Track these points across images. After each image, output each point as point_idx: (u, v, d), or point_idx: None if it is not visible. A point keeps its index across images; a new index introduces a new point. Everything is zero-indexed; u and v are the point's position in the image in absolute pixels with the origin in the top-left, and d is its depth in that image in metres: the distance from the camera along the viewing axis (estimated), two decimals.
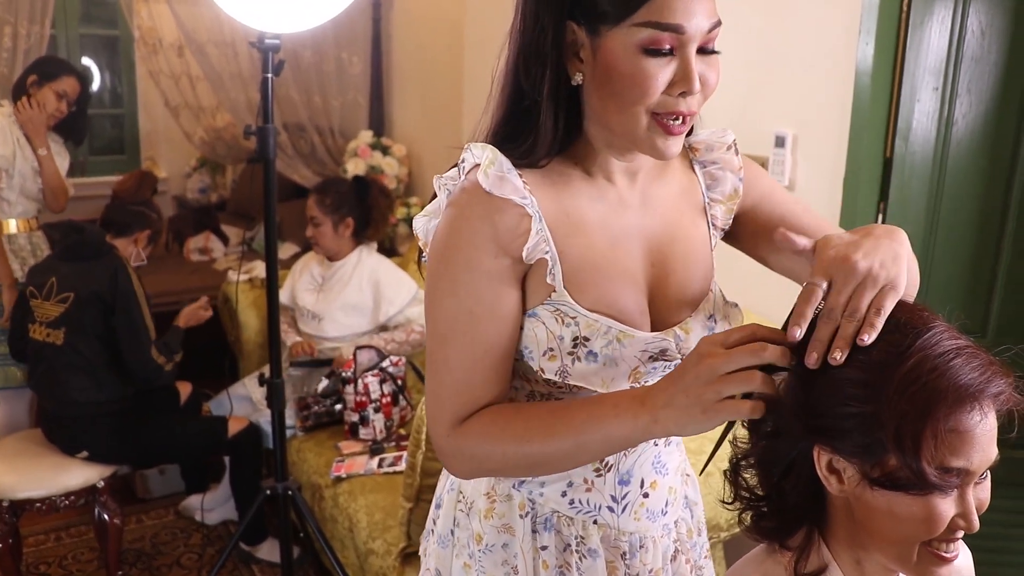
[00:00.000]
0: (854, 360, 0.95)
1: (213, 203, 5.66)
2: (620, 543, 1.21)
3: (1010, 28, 2.15)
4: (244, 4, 2.06)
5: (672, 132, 1.02)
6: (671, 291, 1.15)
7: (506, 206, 1.04)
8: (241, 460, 2.97)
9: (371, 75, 4.50)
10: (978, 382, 0.91)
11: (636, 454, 1.18)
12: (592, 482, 1.18)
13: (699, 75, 0.99)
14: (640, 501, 1.20)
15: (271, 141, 2.21)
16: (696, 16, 0.97)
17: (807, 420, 0.99)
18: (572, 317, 1.07)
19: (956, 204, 2.28)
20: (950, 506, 0.94)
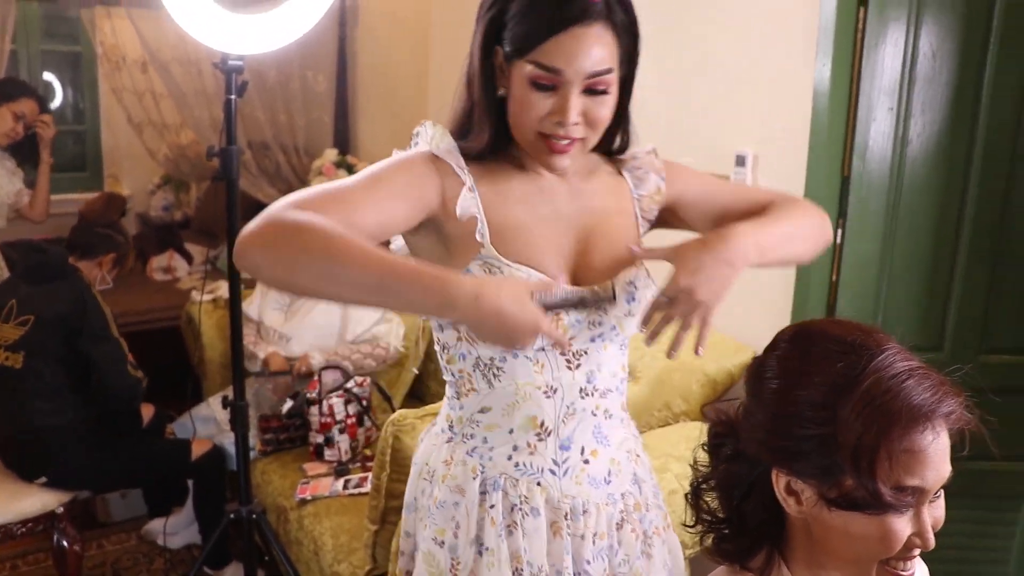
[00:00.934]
0: (810, 383, 0.97)
1: (177, 221, 5.61)
2: (563, 505, 1.34)
3: (959, 50, 2.20)
4: (207, 26, 2.06)
5: (554, 150, 1.24)
6: (595, 261, 1.33)
7: (448, 168, 1.26)
8: (205, 483, 2.94)
9: (336, 93, 4.50)
10: (930, 402, 0.93)
11: (576, 422, 1.34)
12: (535, 446, 1.33)
13: (585, 111, 1.21)
14: (581, 467, 1.35)
15: (234, 162, 2.21)
16: (577, 63, 1.17)
17: (765, 443, 1.00)
18: (498, 267, 1.25)
19: (912, 221, 2.32)
20: (906, 525, 0.96)
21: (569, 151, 1.24)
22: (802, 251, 1.37)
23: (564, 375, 1.32)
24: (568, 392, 1.32)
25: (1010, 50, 2.19)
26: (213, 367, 3.40)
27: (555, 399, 1.32)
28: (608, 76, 1.20)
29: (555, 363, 1.31)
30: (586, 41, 1.17)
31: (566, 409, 1.33)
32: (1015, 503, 2.49)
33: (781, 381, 1.00)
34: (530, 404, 1.32)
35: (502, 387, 1.32)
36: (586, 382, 1.34)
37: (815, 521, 0.99)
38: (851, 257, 2.35)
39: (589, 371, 1.34)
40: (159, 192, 5.76)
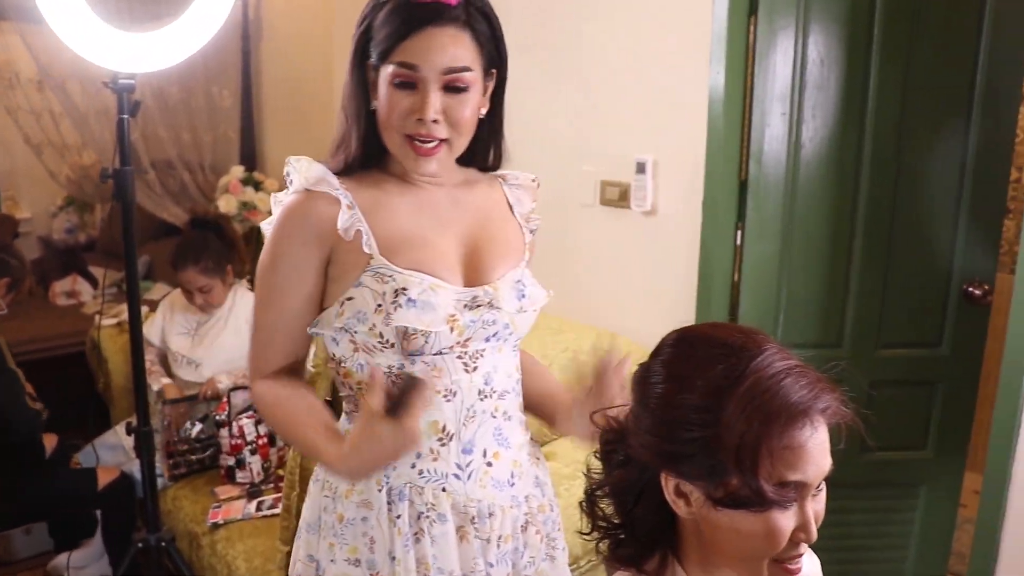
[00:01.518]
0: (694, 386, 0.99)
1: (81, 243, 5.45)
2: (469, 509, 1.36)
3: (845, 57, 2.29)
4: (95, 44, 2.01)
5: (419, 152, 1.29)
6: (484, 263, 1.37)
7: (320, 196, 1.30)
8: (113, 512, 2.85)
9: (242, 109, 4.43)
10: (807, 399, 0.96)
11: (476, 425, 1.36)
12: (437, 452, 1.35)
13: (445, 109, 1.26)
14: (484, 470, 1.37)
15: (129, 184, 2.16)
16: (431, 58, 1.23)
17: (652, 447, 1.02)
18: (390, 275, 1.29)
19: (808, 222, 2.40)
20: (790, 520, 0.98)
21: (434, 153, 1.29)
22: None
23: (463, 378, 1.34)
24: (467, 395, 1.35)
25: (891, 56, 2.28)
26: (119, 393, 3.31)
27: (455, 402, 1.34)
28: (466, 74, 1.26)
29: (452, 366, 1.33)
30: (441, 39, 1.23)
31: (466, 412, 1.35)
32: (913, 490, 2.58)
33: (665, 386, 1.01)
34: (431, 410, 1.33)
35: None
36: (484, 384, 1.36)
37: (704, 521, 1.01)
38: (751, 258, 2.41)
39: (486, 373, 1.36)
40: (62, 214, 5.59)
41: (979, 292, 2.40)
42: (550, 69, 2.77)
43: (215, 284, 2.93)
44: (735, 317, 2.45)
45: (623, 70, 2.60)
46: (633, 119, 2.60)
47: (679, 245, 2.51)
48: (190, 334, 3.02)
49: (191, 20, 2.07)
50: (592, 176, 2.72)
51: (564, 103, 2.78)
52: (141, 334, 2.32)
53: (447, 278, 1.32)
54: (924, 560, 2.64)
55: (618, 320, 2.69)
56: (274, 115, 4.43)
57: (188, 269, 2.91)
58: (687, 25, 2.41)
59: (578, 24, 2.71)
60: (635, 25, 2.55)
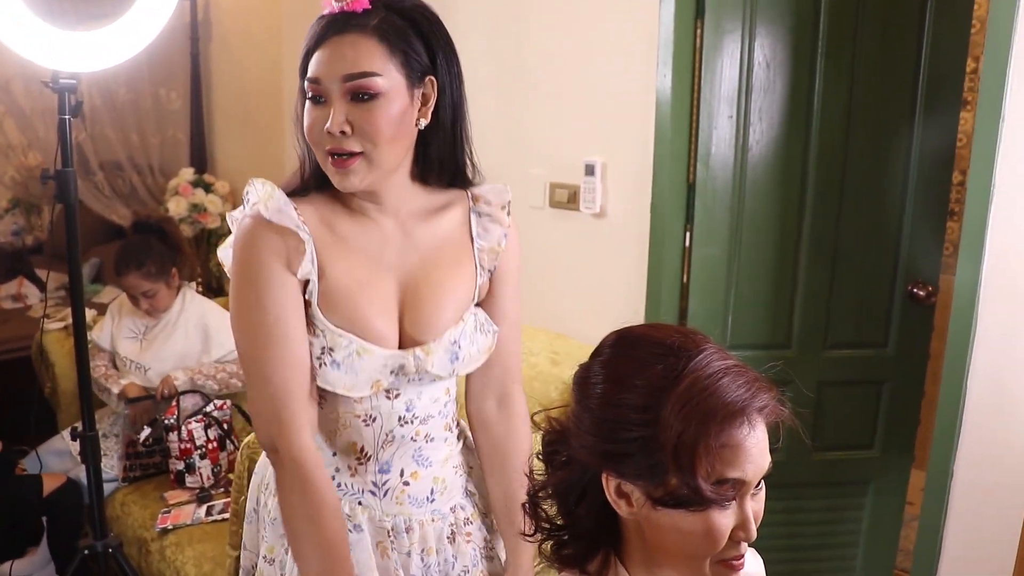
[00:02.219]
0: (633, 386, 0.99)
1: (28, 246, 5.34)
2: (384, 523, 1.37)
3: (790, 61, 2.32)
4: (32, 42, 1.97)
5: (336, 166, 1.23)
6: (421, 316, 1.32)
7: (285, 231, 1.24)
8: (59, 519, 2.80)
9: (191, 111, 4.37)
10: (744, 398, 0.97)
11: (394, 448, 1.35)
12: (355, 468, 1.36)
13: (352, 120, 1.20)
14: (401, 488, 1.37)
15: (72, 186, 2.12)
16: (329, 68, 1.20)
17: (593, 448, 1.02)
18: (321, 330, 1.26)
19: (756, 224, 2.42)
20: (729, 519, 0.99)
21: (349, 165, 1.22)
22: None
23: (383, 404, 1.33)
24: (387, 421, 1.34)
25: (836, 59, 2.32)
26: (67, 398, 3.25)
27: (373, 427, 1.34)
28: (372, 80, 1.19)
29: (374, 395, 1.33)
30: (340, 47, 1.19)
31: (385, 436, 1.35)
32: (862, 488, 2.62)
33: (605, 386, 1.02)
34: (350, 431, 1.34)
35: (324, 414, 1.35)
36: (405, 411, 1.35)
37: (646, 521, 1.01)
38: (699, 260, 2.43)
39: (408, 400, 1.35)
40: (7, 216, 5.47)
41: (923, 293, 2.44)
42: (497, 72, 2.77)
43: (159, 288, 2.88)
44: (684, 319, 2.47)
45: (571, 73, 2.61)
46: (581, 122, 2.61)
47: (628, 247, 2.52)
48: (138, 338, 2.97)
49: (134, 19, 2.05)
50: (541, 179, 2.72)
51: (512, 106, 2.78)
52: (85, 336, 2.28)
53: (378, 339, 1.28)
54: (873, 558, 2.68)
55: (567, 322, 2.70)
56: (224, 117, 4.38)
57: (130, 274, 2.86)
58: (634, 28, 2.42)
59: (525, 27, 2.71)
60: (582, 28, 2.56)
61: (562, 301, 2.74)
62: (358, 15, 1.19)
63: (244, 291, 1.26)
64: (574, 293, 2.70)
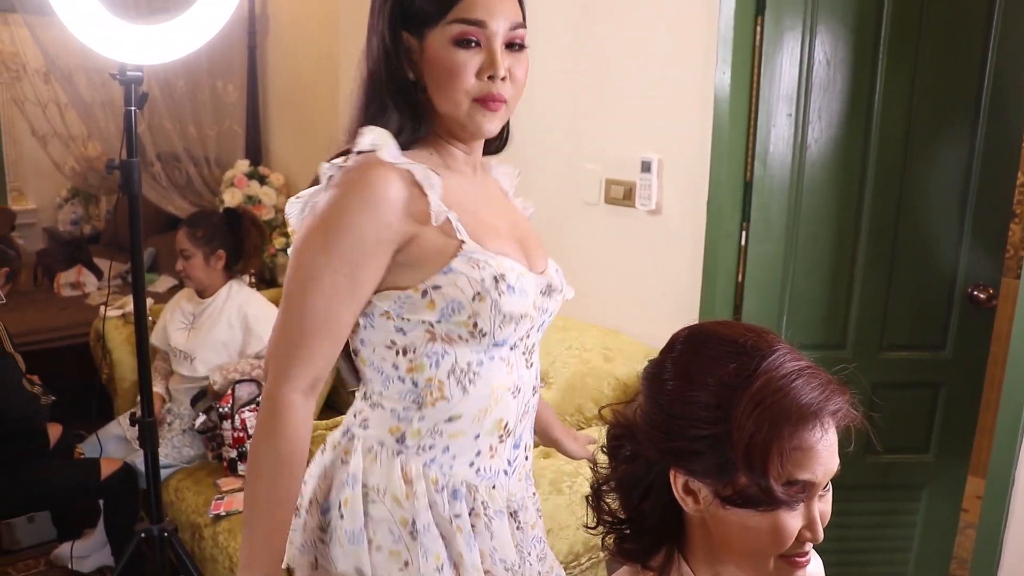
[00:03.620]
0: (705, 384, 0.99)
1: (86, 235, 5.46)
2: (512, 503, 1.35)
3: (852, 58, 2.28)
4: (103, 36, 2.01)
5: (489, 108, 1.21)
6: (531, 252, 1.33)
7: (406, 175, 1.19)
8: (115, 503, 2.86)
9: (247, 103, 4.42)
10: (818, 400, 0.96)
11: (528, 420, 1.35)
12: (495, 449, 1.30)
13: (507, 68, 1.20)
14: (523, 464, 1.37)
15: (135, 176, 2.16)
16: (497, 14, 1.18)
17: (662, 444, 1.02)
18: (485, 262, 1.21)
19: (813, 224, 2.40)
20: (797, 519, 0.98)
21: (498, 111, 1.22)
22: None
23: (525, 374, 1.32)
24: (526, 390, 1.34)
25: (898, 58, 2.28)
26: (124, 384, 3.32)
27: (519, 399, 1.32)
28: (523, 31, 1.22)
29: (519, 362, 1.30)
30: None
31: (524, 408, 1.34)
32: (915, 492, 2.58)
33: (675, 383, 1.02)
34: (500, 407, 1.29)
35: (477, 392, 1.26)
36: (534, 379, 1.36)
37: (712, 519, 1.01)
38: (755, 259, 2.41)
39: (537, 366, 1.37)
40: (67, 206, 5.61)
41: (983, 296, 2.40)
42: (556, 68, 2.77)
43: (196, 255, 2.92)
44: (739, 317, 2.45)
45: (629, 69, 2.60)
46: (639, 118, 2.60)
47: (683, 245, 2.51)
48: (187, 328, 3.02)
49: (199, 13, 2.08)
50: (597, 175, 2.72)
51: (570, 102, 2.78)
52: (146, 325, 2.32)
53: (524, 261, 1.30)
54: (925, 564, 2.64)
55: (621, 319, 2.70)
56: (279, 110, 4.43)
57: (182, 229, 2.97)
58: (693, 25, 2.41)
59: (584, 23, 2.71)
60: (641, 24, 2.55)
61: (616, 298, 2.74)
62: None
63: (318, 233, 1.18)
64: (628, 290, 2.70)
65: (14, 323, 2.74)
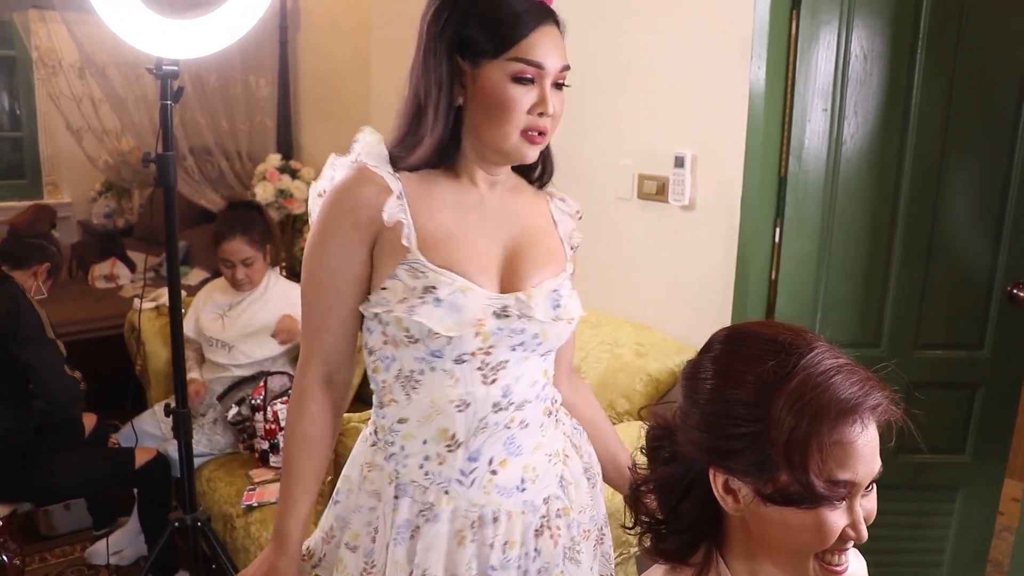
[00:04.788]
0: (743, 382, 0.99)
1: (119, 228, 5.52)
2: (470, 514, 1.36)
3: (889, 53, 2.26)
4: (140, 30, 2.03)
5: (534, 141, 1.30)
6: (522, 268, 1.37)
7: (374, 177, 1.30)
8: (149, 492, 2.90)
9: (279, 98, 4.45)
10: (857, 396, 0.95)
11: (486, 435, 1.34)
12: (444, 457, 1.35)
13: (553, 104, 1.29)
14: (488, 477, 1.36)
15: (171, 169, 2.18)
16: (552, 57, 1.28)
17: (701, 443, 1.02)
18: (423, 272, 1.29)
19: (848, 220, 2.37)
20: (840, 517, 0.97)
21: (543, 142, 1.33)
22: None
23: (478, 390, 1.33)
24: (481, 407, 1.33)
25: (937, 53, 2.25)
26: (157, 376, 3.35)
27: (467, 413, 1.33)
28: (568, 71, 1.31)
29: (470, 377, 1.32)
30: (555, 37, 1.29)
31: (478, 423, 1.34)
32: (950, 493, 2.55)
33: (715, 382, 1.02)
34: (443, 418, 1.33)
35: (419, 399, 1.34)
36: (501, 396, 1.34)
37: (753, 517, 1.01)
38: (789, 256, 2.39)
39: (505, 385, 1.35)
40: (100, 199, 5.67)
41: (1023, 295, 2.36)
42: (590, 63, 2.76)
43: (258, 258, 2.95)
44: (772, 314, 2.43)
45: (662, 63, 2.59)
46: (672, 113, 2.58)
47: (716, 241, 2.50)
48: (221, 316, 3.04)
49: (234, 8, 2.09)
50: (630, 170, 2.71)
51: (603, 96, 2.77)
52: (180, 317, 2.34)
53: (481, 281, 1.32)
54: (960, 566, 2.60)
55: (654, 314, 2.68)
56: (310, 105, 4.45)
57: (236, 239, 2.91)
58: (728, 18, 2.39)
59: (618, 18, 2.70)
60: (675, 18, 2.54)
61: (648, 293, 2.72)
62: (551, 8, 1.31)
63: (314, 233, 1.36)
64: (660, 286, 2.69)
65: (51, 314, 2.79)
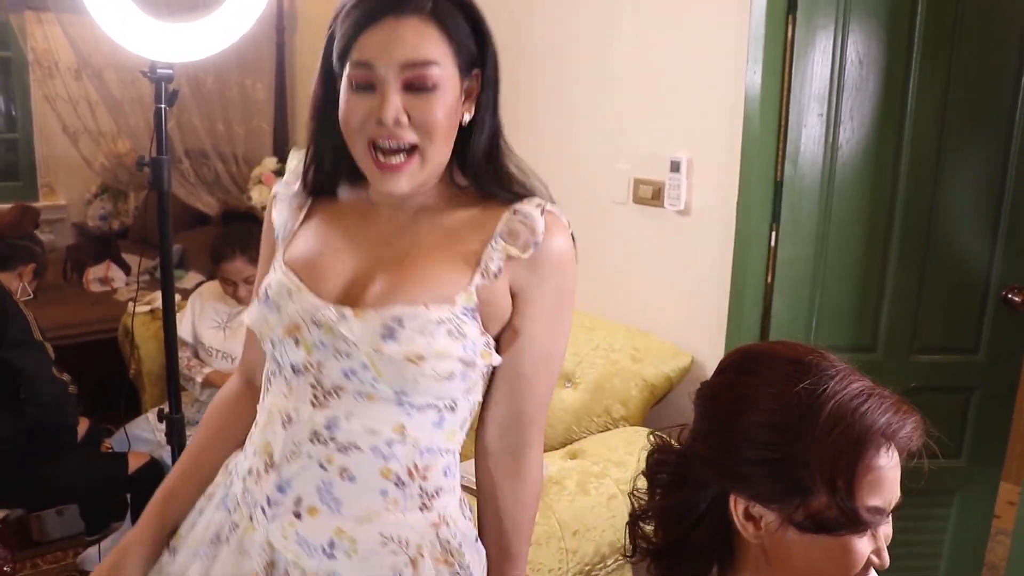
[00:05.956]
0: (767, 404, 0.96)
1: (115, 231, 5.51)
2: (263, 553, 1.17)
3: (885, 58, 2.25)
4: (134, 33, 2.02)
5: (382, 168, 1.11)
6: (373, 287, 1.15)
7: (283, 201, 1.28)
8: (143, 497, 2.86)
9: (275, 101, 4.45)
10: (894, 423, 0.95)
11: (299, 465, 1.15)
12: (260, 475, 1.18)
13: (408, 110, 1.08)
14: (290, 519, 1.15)
15: (165, 173, 2.16)
16: (387, 53, 1.07)
17: (721, 467, 0.99)
18: (275, 268, 1.23)
19: (843, 225, 2.37)
20: (866, 544, 0.95)
21: (403, 169, 1.11)
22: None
23: (304, 408, 1.15)
24: (301, 428, 1.15)
25: (933, 58, 2.25)
26: (151, 379, 3.34)
27: (288, 431, 1.16)
28: (430, 70, 1.07)
29: (302, 392, 1.15)
30: (397, 31, 1.06)
31: (293, 446, 1.15)
32: (947, 497, 2.55)
33: (735, 404, 0.99)
34: (270, 429, 1.18)
35: (266, 403, 1.22)
36: (324, 427, 1.13)
37: (774, 545, 0.98)
38: (785, 260, 2.38)
39: (333, 416, 1.13)
40: (96, 201, 5.66)
41: (1018, 299, 2.36)
42: (584, 65, 2.76)
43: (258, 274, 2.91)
44: (768, 318, 2.43)
45: (659, 67, 2.58)
46: (668, 117, 2.58)
47: (712, 245, 2.49)
48: (221, 327, 3.02)
49: (230, 11, 2.08)
50: (625, 174, 2.70)
51: (598, 100, 2.76)
52: (175, 321, 2.33)
53: (315, 286, 1.16)
54: (956, 570, 2.60)
55: (650, 319, 2.68)
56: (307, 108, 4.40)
57: (236, 259, 2.86)
58: (724, 23, 2.39)
59: (614, 20, 2.69)
60: (671, 22, 2.53)
61: (644, 298, 2.72)
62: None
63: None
64: (656, 290, 2.68)
65: (44, 318, 2.77)
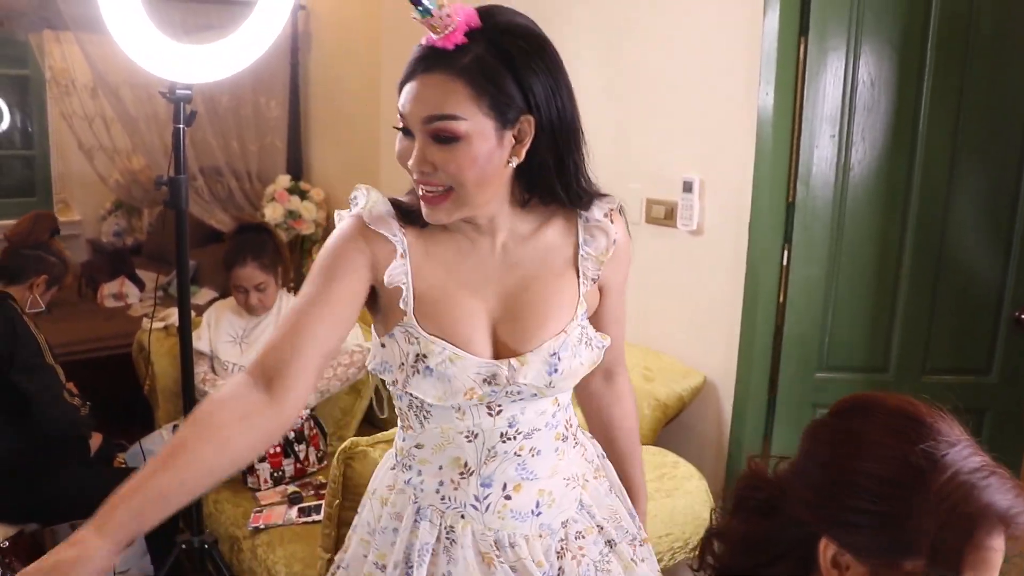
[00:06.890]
0: (879, 455, 0.94)
1: (129, 247, 5.55)
2: (487, 536, 1.36)
3: (896, 80, 2.27)
4: (154, 55, 2.05)
5: (425, 200, 1.24)
6: (517, 328, 1.31)
7: (379, 238, 1.28)
8: None
9: (289, 119, 4.48)
10: (1015, 508, 0.91)
11: (497, 463, 1.35)
12: (458, 483, 1.36)
13: (434, 160, 1.18)
14: (503, 503, 1.36)
15: (183, 192, 2.19)
16: (411, 107, 1.18)
17: (820, 507, 0.97)
18: (416, 338, 1.28)
19: (855, 245, 2.38)
20: None
21: (439, 204, 1.23)
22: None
23: (484, 420, 1.33)
24: (489, 437, 1.34)
25: (944, 79, 2.26)
26: (165, 395, 3.35)
27: (476, 443, 1.34)
28: (452, 123, 1.16)
29: (476, 411, 1.32)
30: (421, 87, 1.17)
31: (487, 452, 1.34)
32: None
33: (845, 448, 0.97)
34: (453, 447, 1.35)
35: (431, 428, 1.35)
36: (507, 427, 1.34)
37: None
38: (797, 280, 2.39)
39: (511, 416, 1.33)
40: (110, 218, 5.71)
41: None
42: (597, 86, 2.78)
43: (271, 282, 2.92)
44: (780, 338, 2.44)
45: (671, 88, 2.60)
46: (681, 138, 2.60)
47: (725, 265, 2.50)
48: (237, 342, 3.03)
49: (248, 33, 2.11)
50: (638, 194, 2.72)
51: (611, 120, 2.78)
52: (191, 338, 2.35)
53: (472, 344, 1.29)
54: None
55: (662, 338, 2.69)
56: (320, 126, 4.48)
57: (248, 265, 2.87)
58: (737, 44, 2.41)
59: (626, 42, 2.72)
60: (684, 43, 2.56)
61: (656, 318, 2.73)
62: (449, 52, 1.15)
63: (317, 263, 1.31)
64: (669, 310, 2.69)
65: (59, 333, 2.76)
